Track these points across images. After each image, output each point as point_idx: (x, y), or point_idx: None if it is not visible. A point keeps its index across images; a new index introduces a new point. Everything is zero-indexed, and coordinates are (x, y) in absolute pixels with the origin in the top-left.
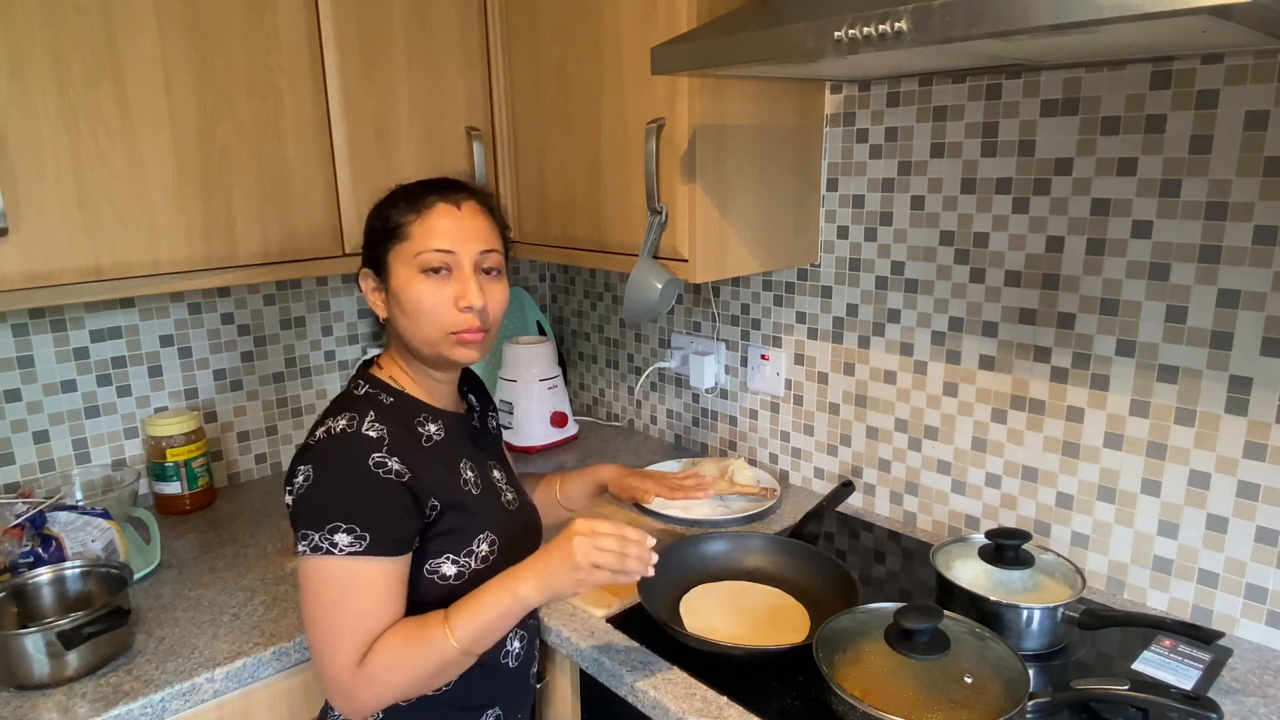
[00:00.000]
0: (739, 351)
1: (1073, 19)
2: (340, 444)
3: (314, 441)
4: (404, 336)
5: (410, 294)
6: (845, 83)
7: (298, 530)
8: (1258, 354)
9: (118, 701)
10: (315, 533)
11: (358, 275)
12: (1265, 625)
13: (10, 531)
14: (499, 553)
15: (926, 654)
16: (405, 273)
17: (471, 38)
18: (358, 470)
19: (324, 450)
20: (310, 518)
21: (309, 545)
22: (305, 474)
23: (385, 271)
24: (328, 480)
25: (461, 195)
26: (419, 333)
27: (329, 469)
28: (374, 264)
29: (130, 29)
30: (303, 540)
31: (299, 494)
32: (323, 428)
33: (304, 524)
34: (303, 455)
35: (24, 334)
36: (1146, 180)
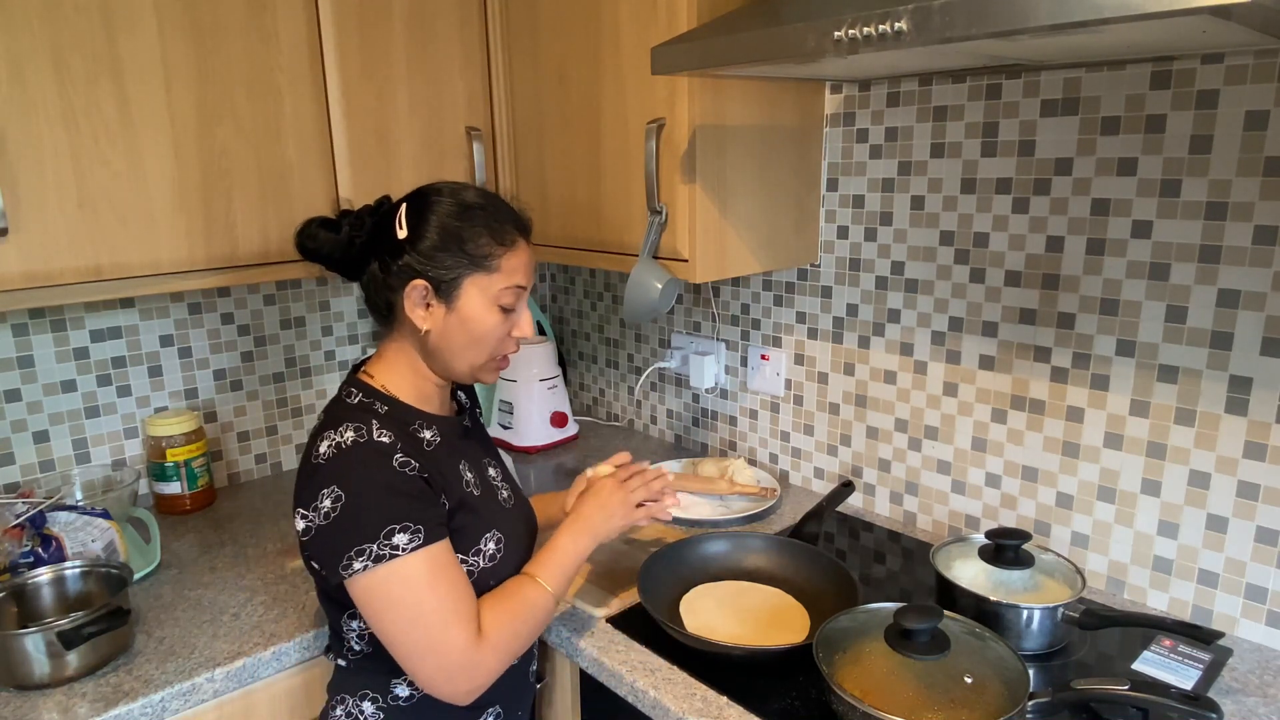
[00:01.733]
0: (739, 351)
1: (1073, 19)
2: (358, 455)
3: (325, 460)
4: (443, 354)
5: (482, 324)
6: (845, 83)
7: (346, 551)
8: (1258, 354)
9: (118, 701)
10: (371, 544)
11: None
12: (1265, 625)
13: (10, 531)
14: (505, 550)
15: (926, 654)
16: (481, 302)
17: (471, 38)
18: (386, 473)
19: (343, 465)
20: (359, 533)
21: (370, 559)
22: (333, 495)
23: (451, 292)
24: (363, 492)
25: (527, 229)
26: (469, 357)
27: (358, 481)
28: (435, 280)
29: (130, 29)
30: (360, 557)
31: (333, 517)
32: (328, 443)
33: (354, 541)
34: (317, 476)
35: (24, 334)
36: (1146, 180)
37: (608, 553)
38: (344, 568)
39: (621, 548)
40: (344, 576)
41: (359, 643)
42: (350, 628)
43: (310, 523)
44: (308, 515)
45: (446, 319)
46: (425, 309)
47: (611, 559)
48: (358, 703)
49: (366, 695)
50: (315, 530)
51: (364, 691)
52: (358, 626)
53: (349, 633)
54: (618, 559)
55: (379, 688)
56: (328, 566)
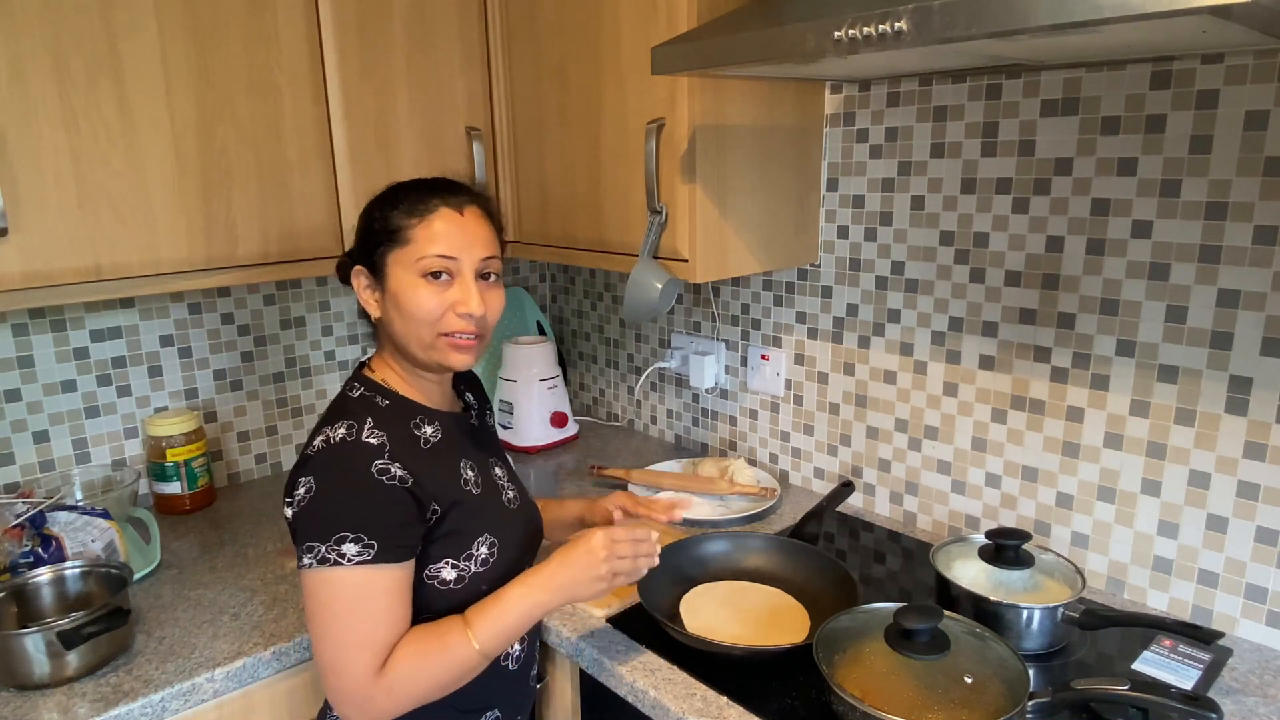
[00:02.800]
0: (739, 351)
1: (1073, 19)
2: (341, 453)
3: (313, 452)
4: (398, 338)
5: (409, 297)
6: (845, 83)
7: (302, 543)
8: (1258, 354)
9: (118, 701)
10: (321, 544)
11: (348, 270)
12: (1265, 625)
13: (10, 531)
14: (498, 555)
15: (926, 654)
16: (405, 276)
17: (471, 38)
18: (361, 478)
19: (325, 460)
20: (315, 529)
21: (315, 557)
22: (307, 485)
23: (381, 273)
24: (331, 490)
25: (464, 200)
26: (415, 335)
27: (332, 479)
28: (369, 263)
29: (130, 29)
30: (308, 553)
31: (301, 506)
32: (321, 436)
33: (309, 536)
34: (303, 466)
35: (24, 334)
36: (1146, 180)
37: None
38: (299, 558)
39: None
40: (299, 566)
41: None
42: None
43: (290, 510)
44: (289, 503)
45: (385, 300)
46: (370, 294)
47: None
48: None
49: None
50: (291, 518)
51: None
52: None
53: None
54: None
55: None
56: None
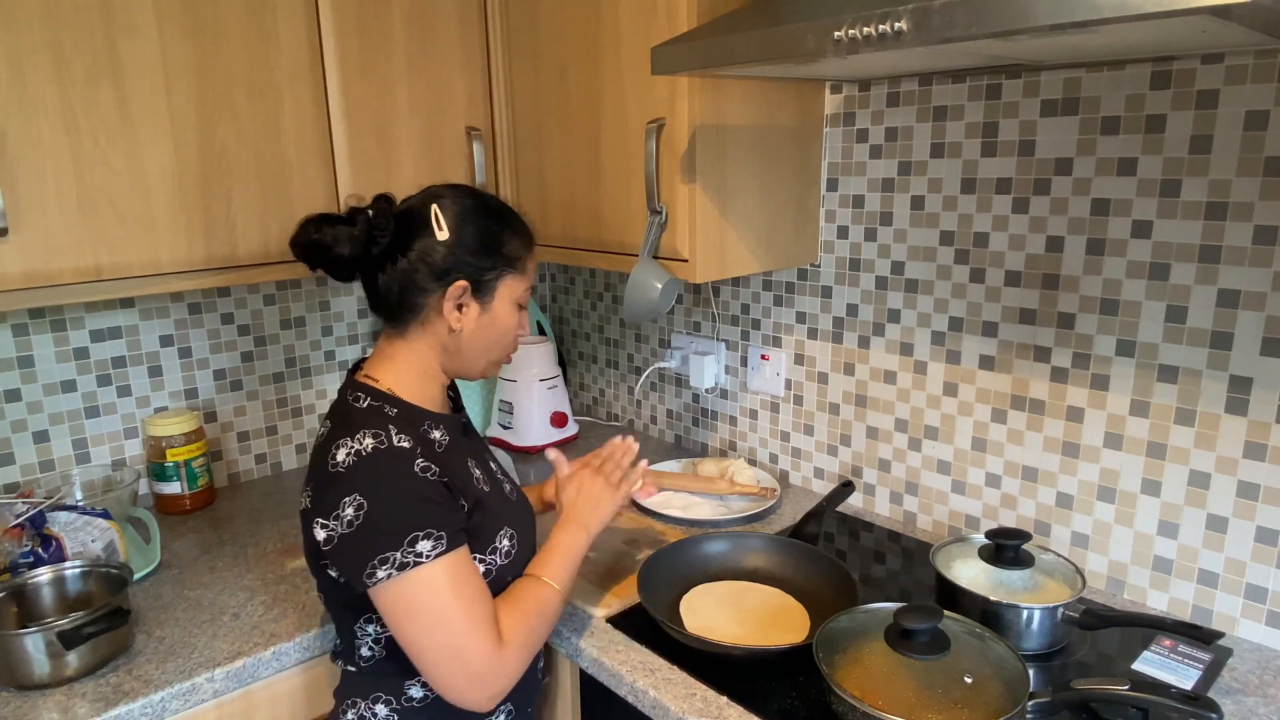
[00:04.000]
0: (739, 351)
1: (1073, 19)
2: (379, 462)
3: (345, 468)
4: (467, 353)
5: (508, 323)
6: (845, 83)
7: (371, 558)
8: (1258, 354)
9: (118, 701)
10: (395, 552)
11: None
12: (1265, 625)
13: (10, 531)
14: (518, 546)
15: (926, 654)
16: (508, 302)
17: (471, 38)
18: (408, 480)
19: (365, 472)
20: (383, 541)
21: (394, 566)
22: (356, 503)
23: (488, 292)
24: (385, 499)
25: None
26: (489, 354)
27: (381, 488)
28: (475, 280)
29: (130, 29)
30: (383, 565)
31: (356, 524)
32: (345, 451)
33: (378, 549)
34: (338, 484)
35: (24, 334)
36: (1146, 180)
37: (608, 553)
38: (368, 576)
39: (621, 548)
40: (368, 585)
41: (373, 648)
42: (365, 633)
43: (332, 532)
44: (329, 525)
45: (480, 319)
46: (459, 309)
47: (611, 559)
48: (370, 706)
49: (379, 698)
50: (338, 539)
51: (376, 694)
52: (374, 631)
53: (363, 638)
54: (618, 559)
55: (392, 690)
56: (351, 575)
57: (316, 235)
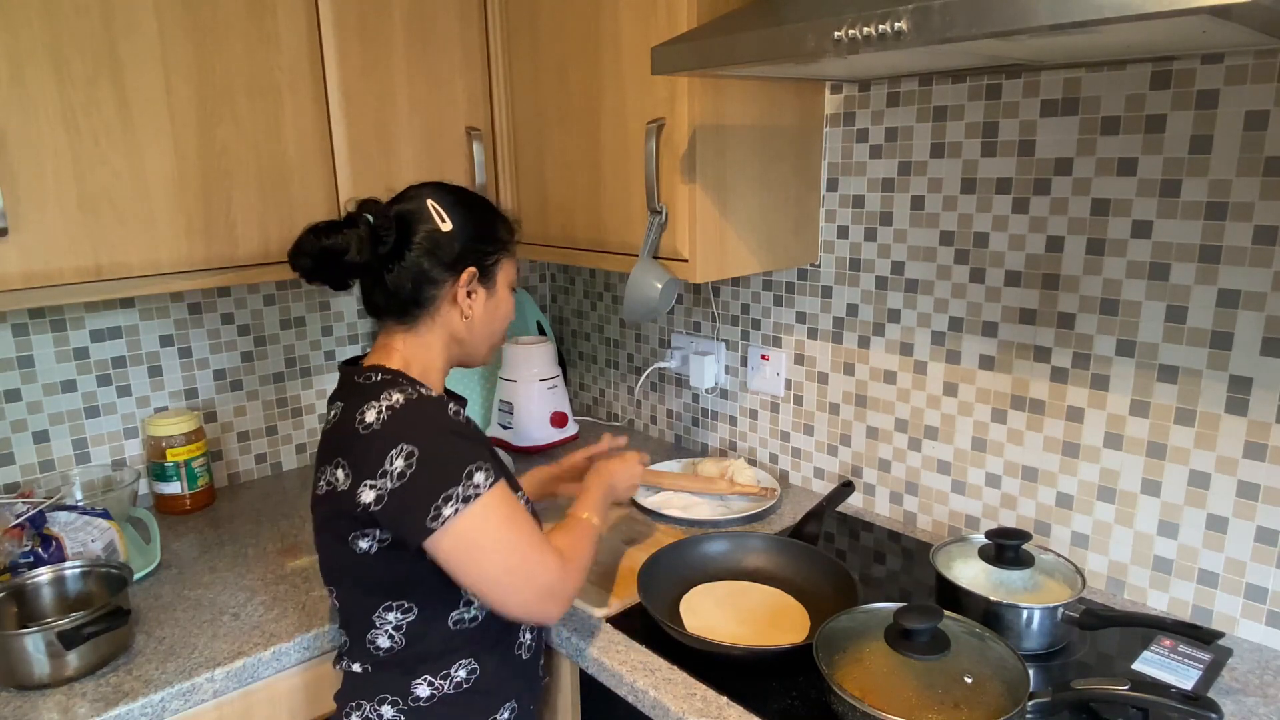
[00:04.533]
0: (739, 351)
1: (1072, 19)
2: (415, 410)
3: (382, 424)
4: (476, 338)
5: (507, 305)
6: (845, 83)
7: (433, 501)
8: (1258, 354)
9: (118, 701)
10: (457, 487)
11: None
12: (1265, 625)
13: (10, 531)
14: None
15: (926, 654)
16: (506, 284)
17: (471, 38)
18: (447, 420)
19: (405, 422)
20: (442, 480)
21: (459, 500)
22: (405, 452)
23: (490, 276)
24: (433, 441)
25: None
26: (492, 338)
27: (426, 432)
28: (480, 266)
29: (130, 29)
30: (449, 502)
31: (410, 474)
32: (375, 411)
33: (440, 488)
34: (379, 441)
35: (24, 334)
36: (1146, 180)
37: (608, 553)
38: (433, 519)
39: (621, 548)
40: (433, 530)
41: (392, 636)
42: (385, 621)
43: (382, 490)
44: (377, 484)
45: (486, 303)
46: (469, 296)
47: (611, 559)
48: (375, 708)
49: (385, 699)
50: (389, 494)
51: (382, 695)
52: (394, 619)
53: (381, 627)
54: (618, 559)
55: (399, 690)
56: (411, 526)
57: (327, 242)
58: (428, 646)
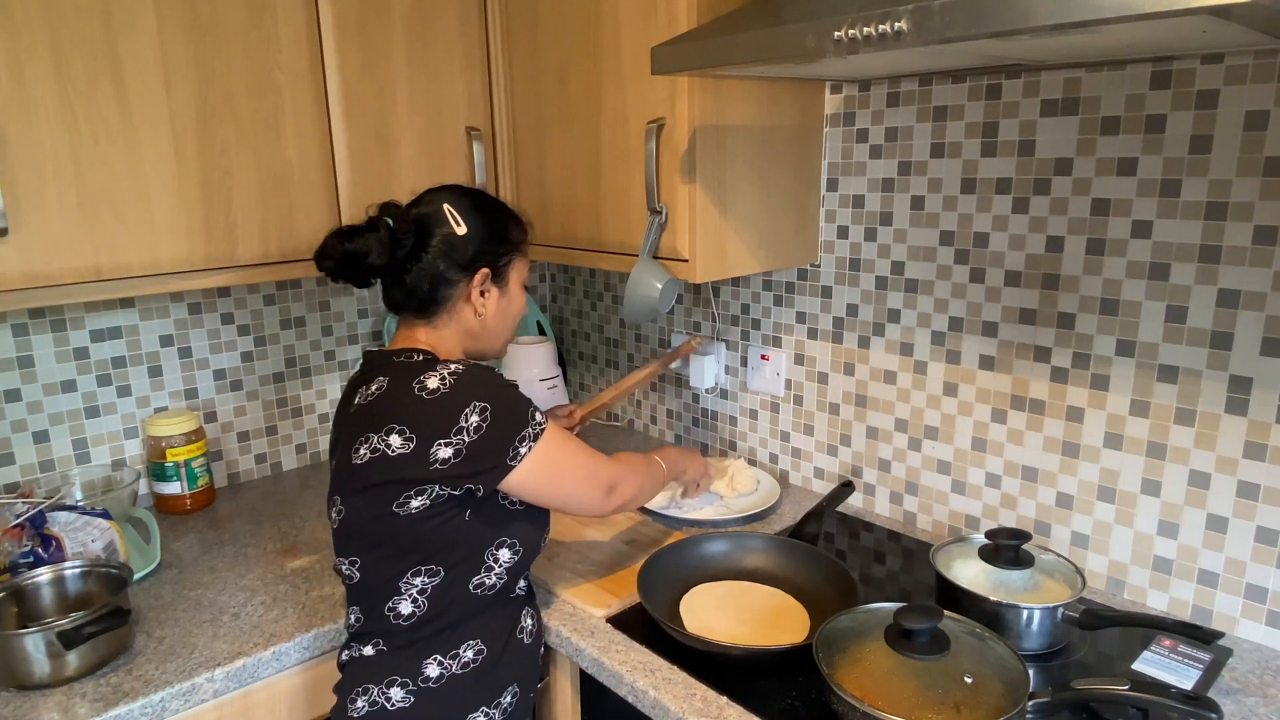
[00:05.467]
0: (739, 351)
1: (1072, 19)
2: (475, 374)
3: (450, 388)
4: (490, 335)
5: (520, 302)
6: (845, 83)
7: (511, 443)
8: (1258, 354)
9: (118, 701)
10: (526, 428)
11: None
12: (1265, 625)
13: (10, 531)
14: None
15: (926, 654)
16: (518, 283)
17: (471, 38)
18: (503, 380)
19: (471, 385)
20: (513, 425)
21: (531, 439)
22: (479, 409)
23: (503, 276)
24: (499, 395)
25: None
26: (506, 334)
27: (491, 390)
28: (494, 267)
29: (130, 29)
30: (524, 441)
31: (488, 424)
32: (436, 379)
33: (514, 433)
34: (450, 403)
35: (24, 334)
36: (1146, 180)
37: (608, 553)
38: (512, 459)
39: (621, 548)
40: (512, 467)
41: (417, 600)
42: (411, 586)
43: (459, 445)
44: (453, 440)
45: (500, 301)
46: (482, 295)
47: (611, 559)
48: (384, 690)
49: (394, 681)
50: (467, 447)
51: (391, 678)
52: (420, 583)
53: (406, 592)
54: (618, 559)
55: (409, 671)
56: (490, 471)
57: (350, 246)
58: (448, 612)
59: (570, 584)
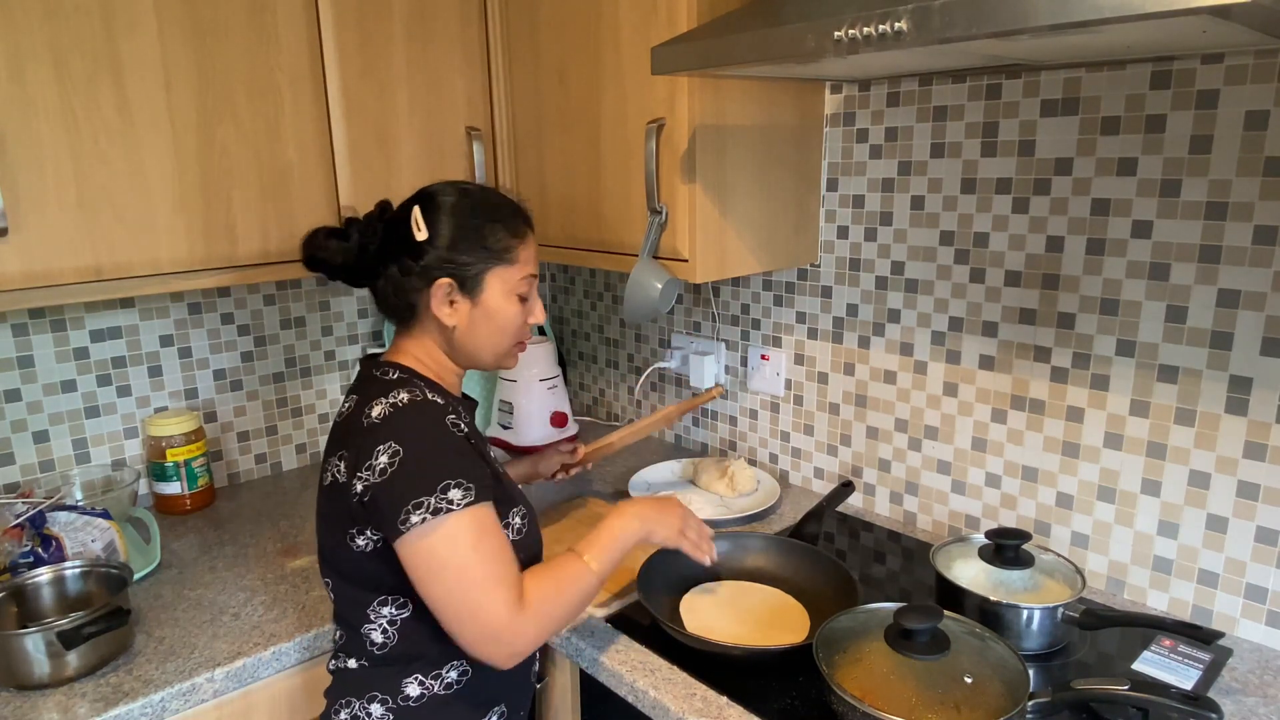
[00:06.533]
0: (739, 351)
1: (1072, 19)
2: (415, 412)
3: (381, 420)
4: (471, 345)
5: (505, 314)
6: (845, 83)
7: (405, 504)
8: (1258, 354)
9: (118, 701)
10: (429, 496)
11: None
12: (1265, 625)
13: (10, 531)
14: (529, 525)
15: (926, 654)
16: (502, 293)
17: (471, 38)
18: (441, 431)
19: (402, 422)
20: (418, 486)
21: (428, 510)
22: (390, 451)
23: (476, 286)
24: (421, 444)
25: (531, 221)
26: (496, 345)
27: (417, 434)
28: (459, 277)
29: (130, 29)
30: (417, 510)
31: (391, 471)
32: (380, 406)
33: (413, 494)
34: (373, 435)
35: (24, 334)
36: (1146, 180)
37: None
38: (401, 522)
39: None
40: (401, 532)
41: (386, 630)
42: (380, 615)
43: (367, 482)
44: (363, 476)
45: (472, 313)
46: (450, 306)
47: None
48: (365, 705)
49: (375, 697)
50: (372, 489)
51: (372, 694)
52: (388, 614)
53: (376, 621)
54: None
55: (389, 689)
56: (386, 525)
57: (315, 250)
58: (420, 644)
59: None
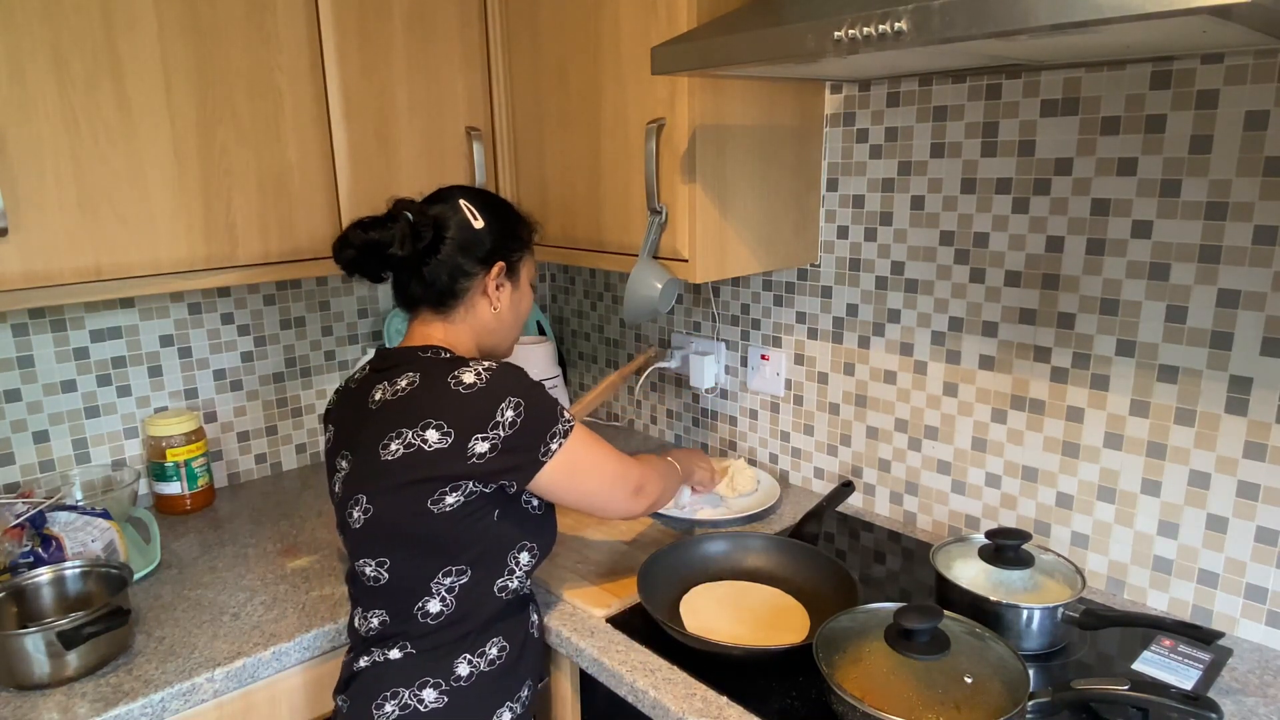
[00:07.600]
0: (739, 351)
1: (1072, 19)
2: (508, 371)
3: (486, 383)
4: (502, 330)
5: (528, 299)
6: (845, 83)
7: (543, 439)
8: (1258, 354)
9: (118, 701)
10: (557, 424)
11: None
12: (1265, 625)
13: (10, 531)
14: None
15: (926, 654)
16: (528, 280)
17: (471, 38)
18: (532, 379)
19: (505, 382)
20: (545, 420)
21: (561, 435)
22: (514, 404)
23: (515, 272)
24: (533, 392)
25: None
26: (516, 331)
27: (525, 387)
28: (509, 262)
29: (130, 29)
30: (554, 438)
31: (522, 419)
32: (473, 373)
33: (545, 428)
34: (485, 399)
35: (24, 334)
36: (1146, 180)
37: (608, 553)
38: (543, 454)
39: (621, 548)
40: (544, 462)
41: (445, 598)
42: (441, 585)
43: (494, 439)
44: (489, 435)
45: (512, 296)
46: (497, 289)
47: (611, 559)
48: (416, 693)
49: (427, 683)
50: (503, 441)
51: (423, 680)
52: (449, 582)
53: (437, 591)
54: (618, 559)
55: (441, 671)
56: (522, 467)
57: (373, 235)
58: (473, 614)
59: (570, 584)
